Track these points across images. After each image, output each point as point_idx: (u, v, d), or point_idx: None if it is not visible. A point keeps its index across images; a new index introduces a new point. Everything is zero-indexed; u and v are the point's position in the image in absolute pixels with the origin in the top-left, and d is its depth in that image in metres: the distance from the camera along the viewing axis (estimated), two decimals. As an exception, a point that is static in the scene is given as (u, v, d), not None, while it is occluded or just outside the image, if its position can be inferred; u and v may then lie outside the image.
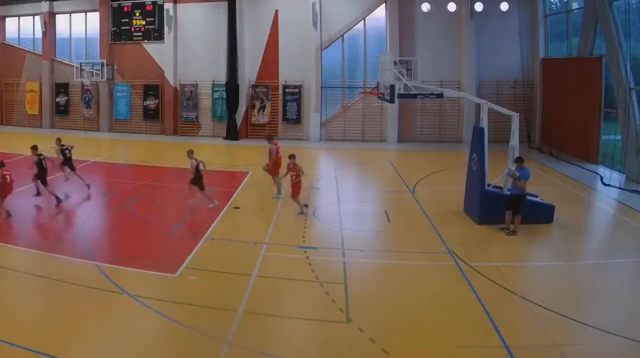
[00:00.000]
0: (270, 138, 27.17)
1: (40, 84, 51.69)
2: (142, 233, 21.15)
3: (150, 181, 29.67)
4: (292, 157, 23.25)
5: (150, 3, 47.52)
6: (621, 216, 23.57)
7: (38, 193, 25.24)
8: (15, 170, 28.65)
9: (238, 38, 44.98)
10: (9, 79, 53.15)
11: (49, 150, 26.62)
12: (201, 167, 23.37)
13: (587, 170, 31.64)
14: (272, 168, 25.90)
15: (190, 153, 23.58)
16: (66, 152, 26.60)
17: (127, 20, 48.62)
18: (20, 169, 30.14)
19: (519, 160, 20.19)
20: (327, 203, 25.40)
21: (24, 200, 25.12)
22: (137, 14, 48.20)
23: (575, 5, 36.99)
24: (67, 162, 26.78)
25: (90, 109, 49.90)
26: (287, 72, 44.95)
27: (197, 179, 23.33)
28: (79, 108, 50.68)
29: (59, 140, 26.89)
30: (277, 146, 26.17)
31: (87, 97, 49.81)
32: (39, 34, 51.96)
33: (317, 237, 20.69)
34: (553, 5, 41.22)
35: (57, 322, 13.32)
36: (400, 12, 42.99)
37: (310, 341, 13.12)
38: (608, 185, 27.91)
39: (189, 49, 47.23)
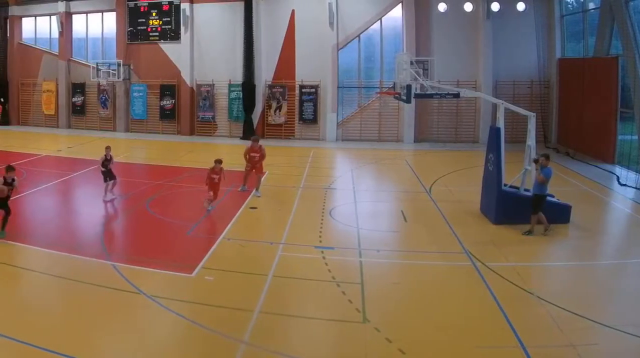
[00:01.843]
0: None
1: (57, 84, 52.56)
2: (158, 233, 21.40)
3: (166, 181, 30.00)
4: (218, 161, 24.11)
5: (167, 3, 48.38)
6: (638, 216, 23.96)
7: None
8: (32, 170, 29.85)
9: (254, 38, 45.59)
10: (25, 79, 54.11)
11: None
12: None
13: (604, 170, 31.96)
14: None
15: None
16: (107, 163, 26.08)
17: (143, 20, 49.44)
18: (37, 168, 31.63)
19: (545, 157, 20.44)
20: (343, 203, 25.66)
21: (42, 199, 25.83)
22: (154, 14, 49.04)
23: (591, 5, 37.49)
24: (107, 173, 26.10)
25: (107, 109, 50.79)
26: (304, 72, 45.60)
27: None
28: (96, 108, 51.54)
29: (108, 148, 26.60)
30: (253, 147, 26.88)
31: (104, 97, 50.71)
32: (55, 34, 52.82)
33: (334, 237, 20.90)
34: (569, 5, 41.60)
35: (74, 322, 13.54)
36: (417, 12, 43.46)
37: (326, 341, 13.33)
38: (624, 185, 28.08)
39: (206, 48, 47.95)
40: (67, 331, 12.92)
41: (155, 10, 48.90)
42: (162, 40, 49.00)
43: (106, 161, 25.71)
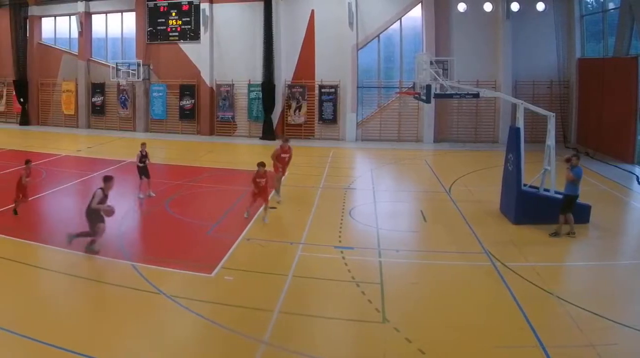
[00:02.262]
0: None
1: (77, 84, 53.84)
2: (178, 233, 21.62)
3: (186, 181, 30.46)
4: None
5: (187, 3, 49.53)
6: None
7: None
8: (51, 170, 30.82)
9: (274, 38, 46.50)
10: (45, 79, 55.43)
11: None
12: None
13: (623, 170, 32.53)
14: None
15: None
16: (143, 159, 26.82)
17: (163, 20, 50.62)
18: (57, 169, 32.51)
19: (576, 157, 20.86)
20: (363, 203, 26.04)
21: (61, 199, 26.55)
22: (173, 14, 50.23)
23: (611, 5, 38.26)
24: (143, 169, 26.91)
25: (127, 109, 52.05)
26: (323, 72, 46.55)
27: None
28: (115, 108, 52.77)
29: (143, 144, 27.27)
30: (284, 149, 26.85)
31: (123, 97, 51.94)
32: (75, 34, 54.12)
33: (353, 237, 21.24)
34: (589, 5, 42.20)
35: (93, 322, 13.80)
36: (437, 12, 44.28)
37: (346, 341, 13.54)
38: (644, 185, 28.64)
39: (225, 48, 49.00)
40: (87, 331, 13.26)
41: (175, 10, 50.07)
42: (182, 40, 50.13)
43: (143, 157, 26.43)
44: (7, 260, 17.67)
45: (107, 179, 18.81)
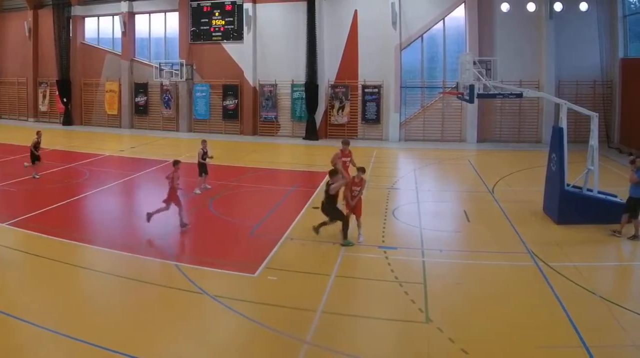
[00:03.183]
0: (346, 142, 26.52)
1: (120, 84, 57.01)
2: (221, 233, 22.47)
3: (229, 181, 31.40)
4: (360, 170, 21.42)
5: (230, 3, 52.44)
6: None
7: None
8: (94, 170, 32.50)
9: (317, 38, 48.95)
10: (88, 79, 59.02)
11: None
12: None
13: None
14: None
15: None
16: (205, 155, 28.55)
17: (206, 20, 53.53)
18: (100, 169, 34.26)
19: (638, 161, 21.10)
20: (406, 203, 26.66)
21: (104, 200, 27.93)
22: (217, 14, 53.12)
23: (655, 6, 40.05)
24: (203, 166, 28.67)
25: (170, 109, 55.15)
26: (366, 72, 48.90)
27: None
28: (158, 108, 56.00)
29: (204, 142, 29.14)
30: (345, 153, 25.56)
31: (167, 97, 55.09)
32: (118, 34, 57.33)
33: (397, 237, 21.76)
34: (632, 5, 43.26)
35: (137, 322, 14.35)
36: (480, 12, 46.06)
37: (389, 341, 13.76)
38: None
39: (268, 48, 51.63)
40: (130, 331, 13.77)
41: (218, 10, 52.96)
42: (225, 40, 53.02)
43: (205, 154, 28.28)
44: (52, 260, 18.44)
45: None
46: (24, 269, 17.98)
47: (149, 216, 21.88)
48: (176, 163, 22.62)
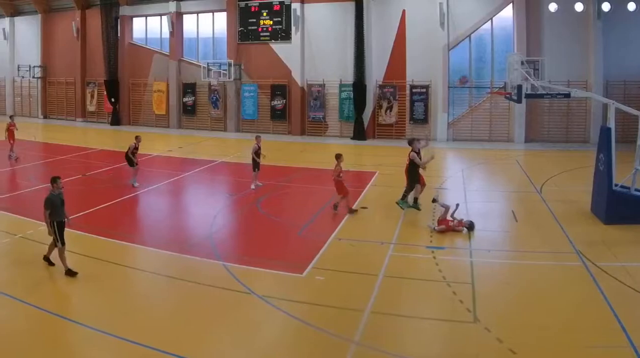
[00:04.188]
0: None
1: (168, 84, 60.55)
2: (269, 233, 23.39)
3: (277, 181, 32.73)
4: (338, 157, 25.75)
5: (278, 3, 55.71)
6: None
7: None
8: (143, 170, 33.18)
9: (365, 38, 51.65)
10: (136, 79, 62.89)
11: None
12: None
13: None
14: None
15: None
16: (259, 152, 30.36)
17: (254, 20, 56.83)
18: (148, 168, 35.58)
19: None
20: (454, 203, 25.63)
21: (153, 199, 29.34)
22: (265, 14, 56.39)
23: None
24: (255, 162, 30.54)
25: (218, 109, 58.68)
26: (414, 72, 51.57)
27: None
28: (206, 108, 59.53)
29: (258, 138, 30.99)
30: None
31: (215, 97, 58.64)
32: (166, 34, 60.87)
33: (445, 236, 22.32)
34: (682, 5, 46.05)
35: (184, 322, 14.88)
36: (528, 12, 48.34)
37: (437, 341, 14.34)
38: None
39: (316, 48, 54.78)
40: (177, 331, 14.32)
41: (266, 10, 56.25)
42: (273, 40, 56.28)
43: (258, 149, 30.07)
44: (100, 260, 19.35)
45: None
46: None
47: (351, 211, 24.86)
48: (338, 156, 25.45)
